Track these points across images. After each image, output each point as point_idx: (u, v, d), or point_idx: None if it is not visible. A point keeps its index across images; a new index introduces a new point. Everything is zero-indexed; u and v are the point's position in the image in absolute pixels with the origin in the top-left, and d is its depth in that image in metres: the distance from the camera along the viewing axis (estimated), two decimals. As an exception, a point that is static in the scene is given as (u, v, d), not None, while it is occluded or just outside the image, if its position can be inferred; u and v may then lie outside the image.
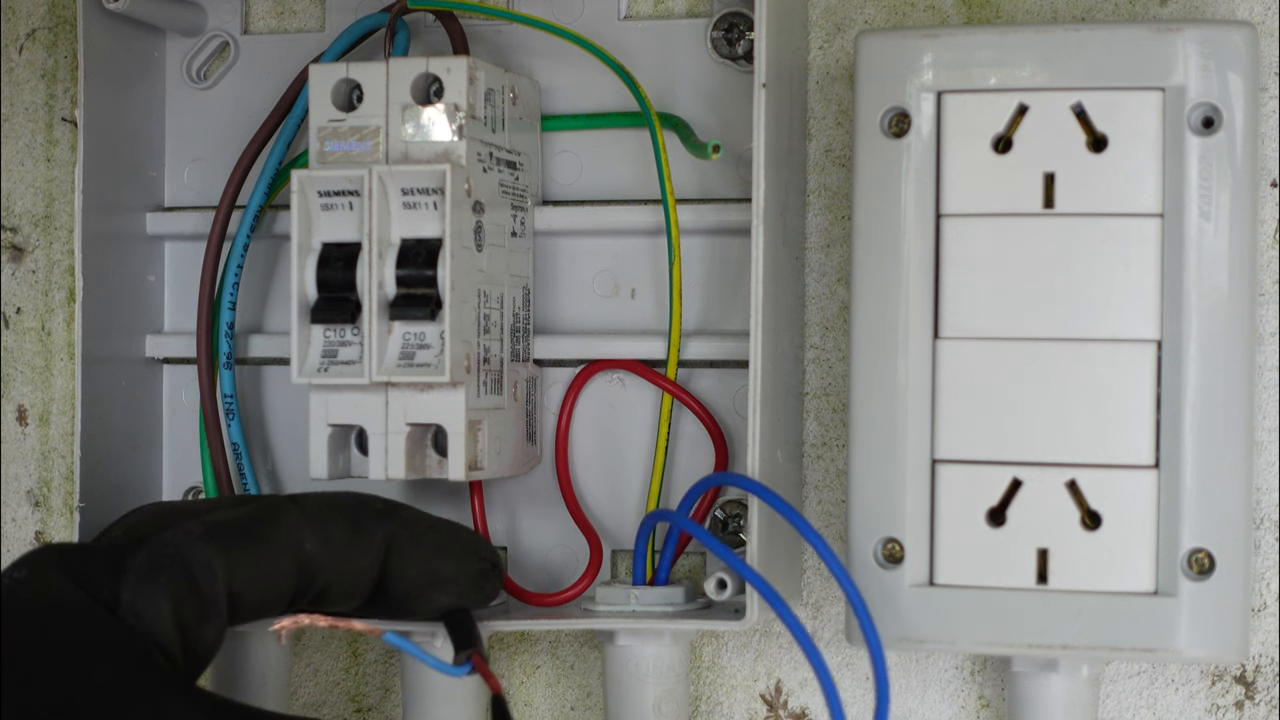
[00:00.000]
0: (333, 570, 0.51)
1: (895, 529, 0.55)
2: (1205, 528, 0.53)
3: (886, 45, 0.55)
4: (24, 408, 0.67)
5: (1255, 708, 0.58)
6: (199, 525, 0.49)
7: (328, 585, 0.51)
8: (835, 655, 0.61)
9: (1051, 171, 0.54)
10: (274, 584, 0.50)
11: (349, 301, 0.57)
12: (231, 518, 0.50)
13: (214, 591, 0.48)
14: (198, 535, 0.49)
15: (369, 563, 0.52)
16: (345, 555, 0.52)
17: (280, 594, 0.50)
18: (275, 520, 0.50)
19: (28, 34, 0.67)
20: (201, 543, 0.48)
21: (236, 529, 0.50)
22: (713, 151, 0.56)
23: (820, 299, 0.61)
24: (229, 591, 0.48)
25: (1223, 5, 0.58)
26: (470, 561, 0.55)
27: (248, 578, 0.49)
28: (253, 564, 0.49)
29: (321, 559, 0.51)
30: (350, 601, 0.53)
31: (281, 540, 0.50)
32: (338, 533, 0.52)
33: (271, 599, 0.50)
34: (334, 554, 0.51)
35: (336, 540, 0.51)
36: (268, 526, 0.50)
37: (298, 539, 0.50)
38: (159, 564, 0.48)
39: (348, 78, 0.57)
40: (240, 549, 0.49)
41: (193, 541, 0.48)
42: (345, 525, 0.52)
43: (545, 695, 0.63)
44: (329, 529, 0.51)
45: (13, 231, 0.67)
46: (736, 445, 0.60)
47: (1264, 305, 0.58)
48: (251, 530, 0.50)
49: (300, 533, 0.51)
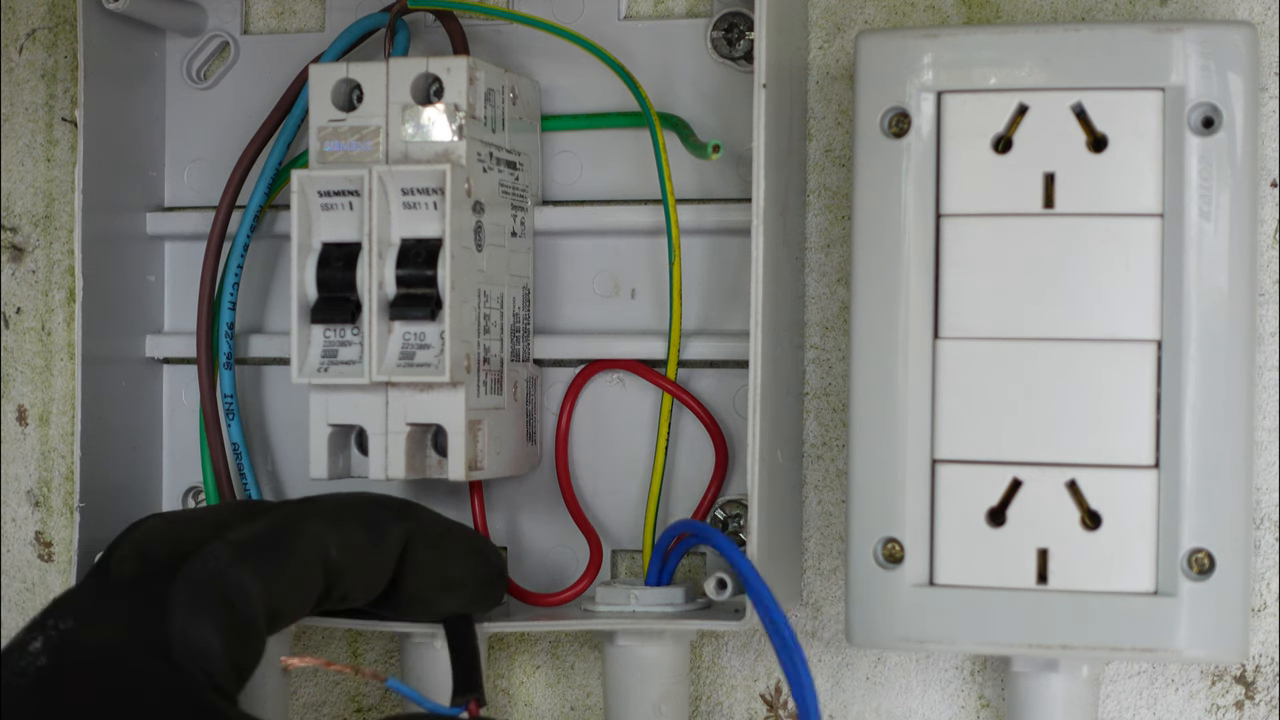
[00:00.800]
0: (355, 573, 0.51)
1: (895, 529, 0.55)
2: (1205, 528, 0.53)
3: (886, 45, 0.55)
4: (24, 408, 0.67)
5: (1255, 708, 0.58)
6: (227, 548, 0.49)
7: (350, 589, 0.52)
8: (835, 655, 0.61)
9: (1051, 171, 0.54)
10: (305, 594, 0.50)
11: (349, 301, 0.57)
12: (256, 533, 0.50)
13: (254, 614, 0.48)
14: (229, 559, 0.48)
15: (386, 564, 0.52)
16: (366, 557, 0.52)
17: (309, 601, 0.50)
18: (299, 531, 0.50)
19: (28, 34, 0.67)
20: (236, 566, 0.48)
21: (266, 546, 0.49)
22: (713, 151, 0.56)
23: (820, 299, 0.61)
24: (267, 610, 0.48)
25: (1223, 5, 0.58)
26: (479, 567, 0.55)
27: (282, 594, 0.49)
28: (285, 579, 0.49)
29: (346, 563, 0.51)
30: (365, 599, 0.53)
31: (308, 551, 0.50)
32: (357, 535, 0.52)
33: (302, 608, 0.50)
34: (356, 557, 0.51)
35: (357, 543, 0.51)
36: (292, 538, 0.50)
37: (322, 546, 0.50)
38: (201, 596, 0.47)
39: (348, 78, 0.57)
40: (273, 567, 0.49)
41: (226, 567, 0.48)
42: (364, 527, 0.52)
43: (545, 695, 0.63)
44: (350, 533, 0.51)
45: (13, 231, 0.67)
46: (736, 445, 0.60)
47: (1264, 305, 0.58)
48: (279, 545, 0.50)
49: (325, 540, 0.51)
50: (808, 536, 0.61)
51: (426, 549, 0.53)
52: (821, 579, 0.61)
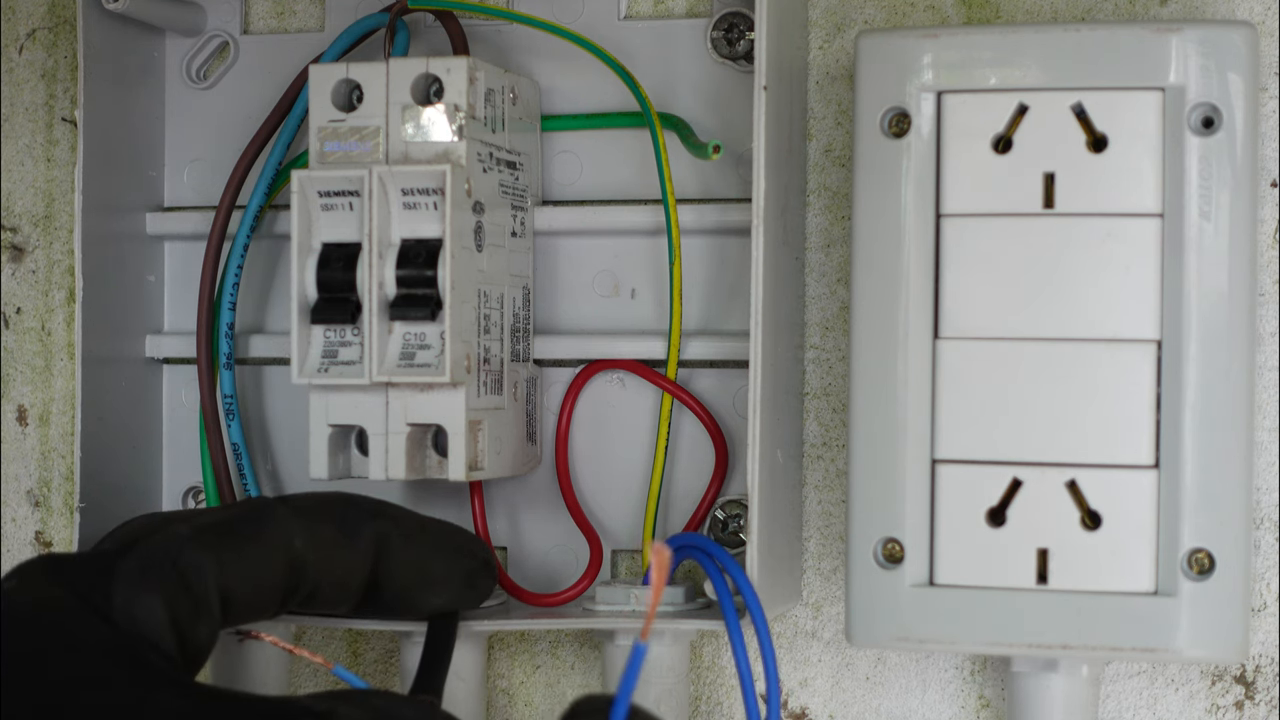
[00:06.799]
0: (323, 568, 0.51)
1: (895, 529, 0.55)
2: (1205, 528, 0.53)
3: (886, 45, 0.55)
4: (24, 408, 0.67)
5: (1255, 708, 0.58)
6: (187, 527, 0.49)
7: (319, 584, 0.52)
8: (835, 655, 0.61)
9: (1051, 171, 0.54)
10: (265, 581, 0.50)
11: (349, 302, 0.57)
12: (219, 519, 0.50)
13: (205, 590, 0.48)
14: (186, 536, 0.49)
15: (359, 561, 0.52)
16: (335, 553, 0.52)
17: (271, 591, 0.50)
18: (263, 519, 0.51)
19: (28, 34, 0.67)
20: (190, 543, 0.49)
21: (224, 529, 0.50)
22: (713, 151, 0.56)
23: (820, 299, 0.61)
24: (220, 590, 0.49)
25: (1223, 5, 0.58)
26: (461, 560, 0.55)
27: (238, 575, 0.49)
28: (242, 562, 0.49)
29: (311, 557, 0.51)
30: (344, 602, 0.53)
31: (270, 538, 0.50)
32: (326, 530, 0.52)
33: (263, 597, 0.50)
34: (324, 552, 0.51)
35: (325, 538, 0.52)
36: (256, 525, 0.50)
37: (286, 536, 0.51)
38: (149, 566, 0.48)
39: (348, 78, 0.57)
40: (229, 548, 0.49)
41: (182, 542, 0.49)
42: (334, 523, 0.52)
43: (545, 695, 0.63)
44: (318, 527, 0.52)
45: (13, 231, 0.67)
46: (736, 445, 0.60)
47: (1264, 305, 0.58)
48: (239, 529, 0.50)
49: (289, 530, 0.51)
50: (808, 536, 0.61)
51: (404, 546, 0.53)
52: (821, 579, 0.61)
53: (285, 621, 0.59)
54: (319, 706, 0.45)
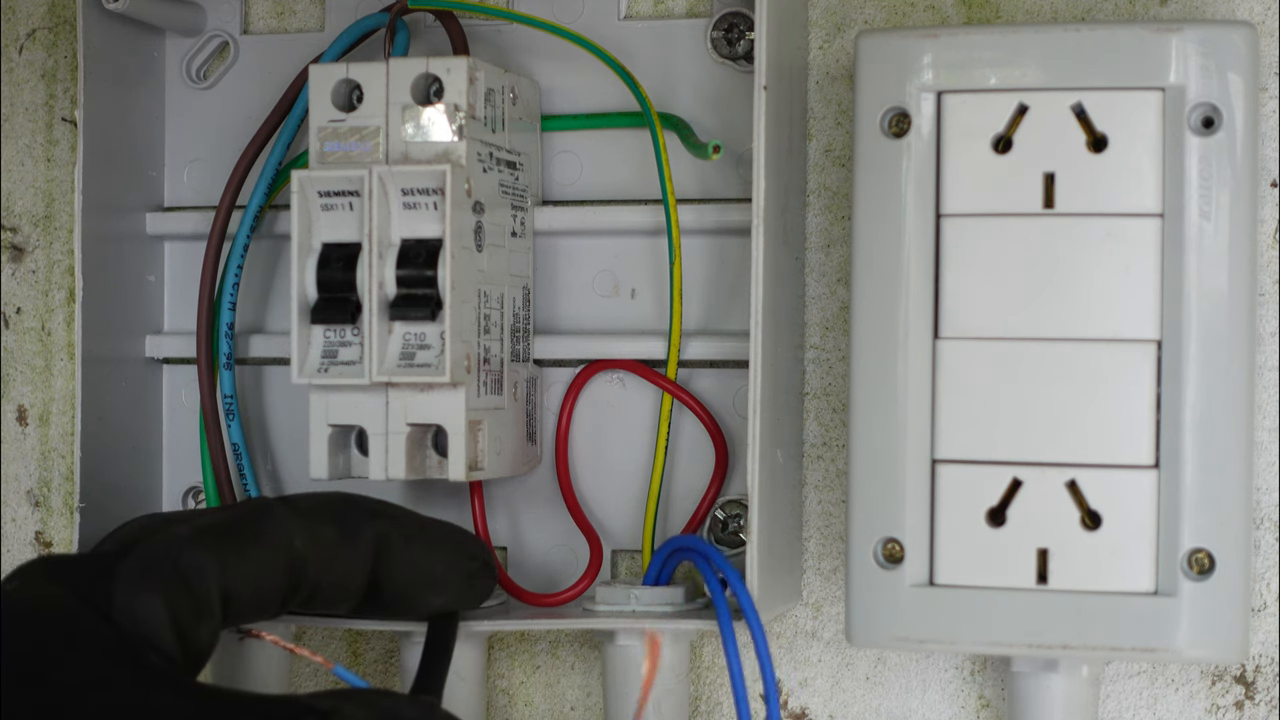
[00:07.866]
0: (323, 569, 0.52)
1: (895, 529, 0.55)
2: (1205, 528, 0.53)
3: (886, 45, 0.55)
4: (24, 408, 0.67)
5: (1255, 708, 0.58)
6: (187, 528, 0.49)
7: (319, 584, 0.52)
8: (835, 655, 0.61)
9: (1051, 171, 0.54)
10: (265, 582, 0.50)
11: (349, 302, 0.57)
12: (219, 520, 0.50)
13: (206, 590, 0.48)
14: (187, 537, 0.49)
15: (360, 561, 0.53)
16: (335, 553, 0.52)
17: (272, 592, 0.50)
18: (263, 519, 0.51)
19: (28, 34, 0.67)
20: (191, 544, 0.49)
21: (225, 529, 0.50)
22: (713, 151, 0.56)
23: (820, 299, 0.61)
24: (221, 590, 0.49)
25: (1223, 5, 0.58)
26: (461, 561, 0.55)
27: (239, 576, 0.49)
28: (243, 562, 0.49)
29: (311, 557, 0.51)
30: (345, 603, 0.53)
31: (270, 538, 0.50)
32: (326, 531, 0.52)
33: (264, 597, 0.50)
34: (324, 552, 0.52)
35: (326, 538, 0.52)
36: (256, 526, 0.50)
37: (286, 536, 0.51)
38: (149, 566, 0.48)
39: (348, 78, 0.57)
40: (230, 548, 0.49)
41: (182, 543, 0.49)
42: (334, 523, 0.52)
43: (545, 695, 0.63)
44: (318, 527, 0.52)
45: (13, 231, 0.67)
46: (736, 445, 0.60)
47: (1264, 305, 0.58)
48: (240, 530, 0.50)
49: (289, 531, 0.51)
50: (808, 536, 0.61)
51: (403, 546, 0.53)
52: (821, 579, 0.61)
53: (286, 622, 0.59)
54: (322, 705, 0.45)
